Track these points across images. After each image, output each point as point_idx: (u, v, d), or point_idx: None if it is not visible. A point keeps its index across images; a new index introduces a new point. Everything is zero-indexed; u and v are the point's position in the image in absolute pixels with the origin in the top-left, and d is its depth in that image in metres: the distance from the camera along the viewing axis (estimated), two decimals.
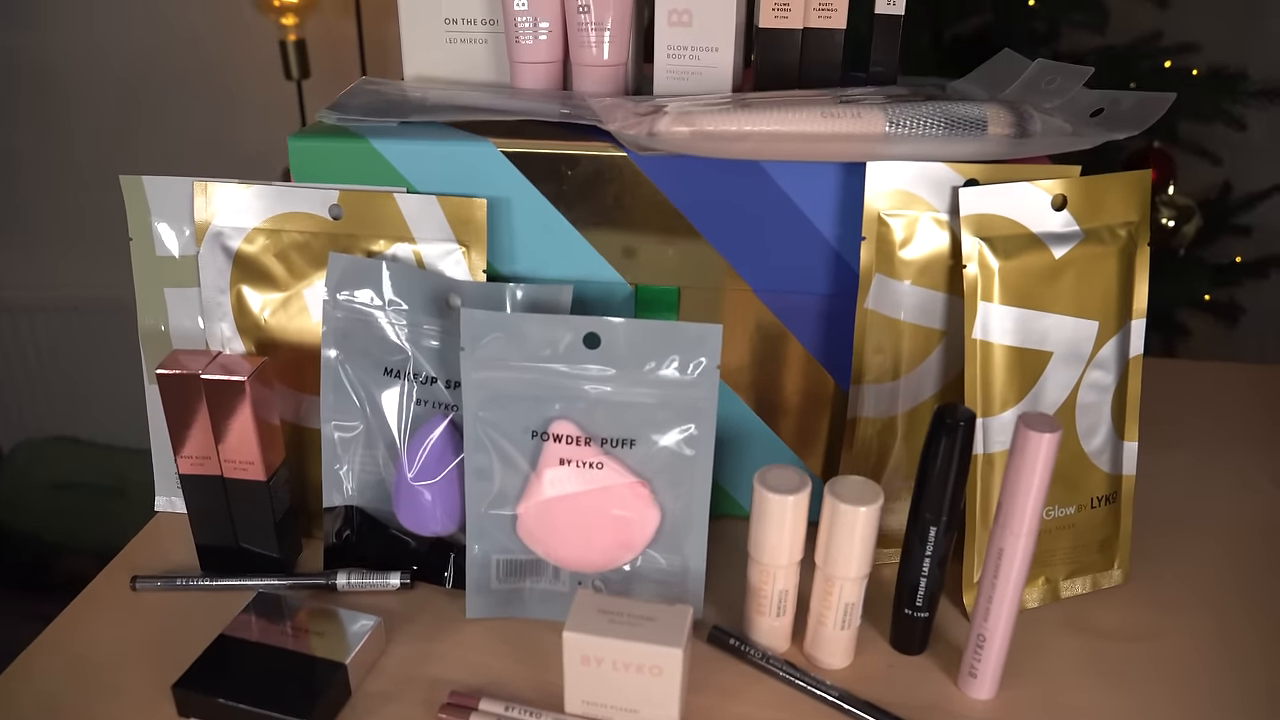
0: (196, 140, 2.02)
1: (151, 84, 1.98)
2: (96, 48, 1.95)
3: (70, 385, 2.19)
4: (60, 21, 1.93)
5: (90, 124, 2.00)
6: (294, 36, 1.78)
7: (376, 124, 0.63)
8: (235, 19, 1.90)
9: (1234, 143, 1.48)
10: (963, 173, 0.57)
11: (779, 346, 0.64)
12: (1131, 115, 0.59)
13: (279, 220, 0.63)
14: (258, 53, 1.92)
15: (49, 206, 2.06)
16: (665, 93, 0.68)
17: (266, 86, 1.94)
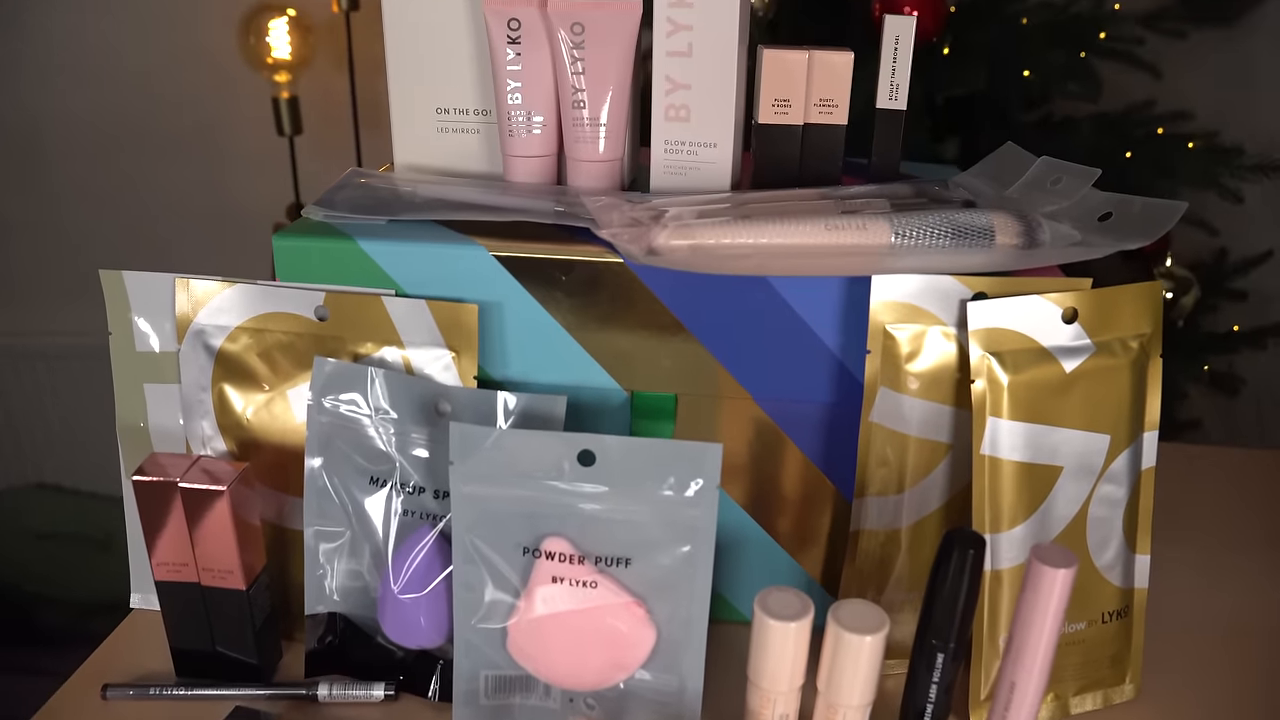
0: (188, 198, 2.01)
1: (143, 141, 1.97)
2: (87, 105, 1.94)
3: (53, 433, 2.16)
4: (48, 80, 1.92)
5: (79, 182, 1.99)
6: (287, 94, 1.77)
7: (364, 222, 0.61)
8: (227, 76, 1.89)
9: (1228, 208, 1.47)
10: (970, 285, 0.55)
11: (779, 453, 0.62)
12: (1141, 222, 0.58)
13: (263, 320, 0.61)
14: (250, 109, 1.91)
15: (31, 256, 2.05)
16: (662, 188, 0.67)
17: (259, 143, 1.93)
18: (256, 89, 1.85)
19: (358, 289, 0.60)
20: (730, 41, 0.63)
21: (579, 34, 0.63)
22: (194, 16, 1.89)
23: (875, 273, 0.54)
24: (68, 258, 2.05)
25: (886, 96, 0.67)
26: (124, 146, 1.97)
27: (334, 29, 1.85)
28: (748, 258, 0.53)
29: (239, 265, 2.03)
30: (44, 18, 1.88)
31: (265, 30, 1.74)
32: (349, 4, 1.75)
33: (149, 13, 1.88)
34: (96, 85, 1.92)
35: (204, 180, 2.00)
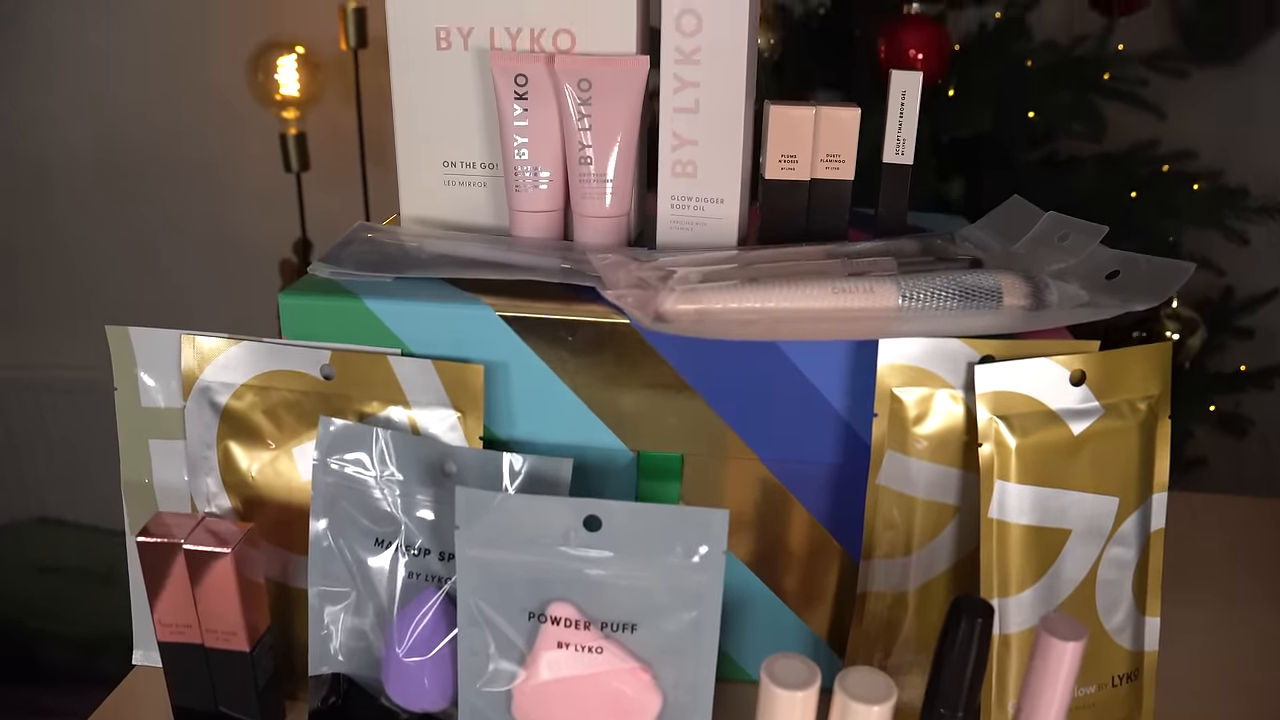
0: (195, 232, 2.02)
1: (150, 176, 1.98)
2: (95, 139, 1.95)
3: (55, 466, 2.16)
4: (58, 113, 1.94)
5: (86, 215, 2.00)
6: (294, 130, 1.78)
7: (370, 279, 0.61)
8: (235, 112, 1.90)
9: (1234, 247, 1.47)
10: (978, 348, 0.55)
11: (785, 513, 0.62)
12: (1148, 281, 0.58)
13: (268, 378, 0.61)
14: (258, 145, 1.92)
15: (35, 288, 2.05)
16: (669, 243, 0.67)
17: (266, 178, 1.93)
18: (264, 125, 1.86)
19: (364, 348, 0.60)
20: (737, 99, 0.63)
21: (586, 90, 0.63)
22: (203, 53, 1.90)
23: (882, 336, 0.54)
24: (72, 291, 2.06)
25: (893, 151, 0.67)
26: (131, 181, 1.98)
27: (342, 65, 1.86)
28: (755, 323, 0.53)
29: (245, 301, 2.03)
30: (54, 51, 1.90)
31: (274, 67, 1.75)
32: (357, 41, 1.76)
33: (159, 49, 1.90)
34: (105, 119, 1.94)
35: (211, 215, 2.01)
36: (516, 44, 0.66)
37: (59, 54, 1.90)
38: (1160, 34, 1.67)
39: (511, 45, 0.66)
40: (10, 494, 2.16)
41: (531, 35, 0.66)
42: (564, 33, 0.65)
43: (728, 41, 0.62)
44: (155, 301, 2.07)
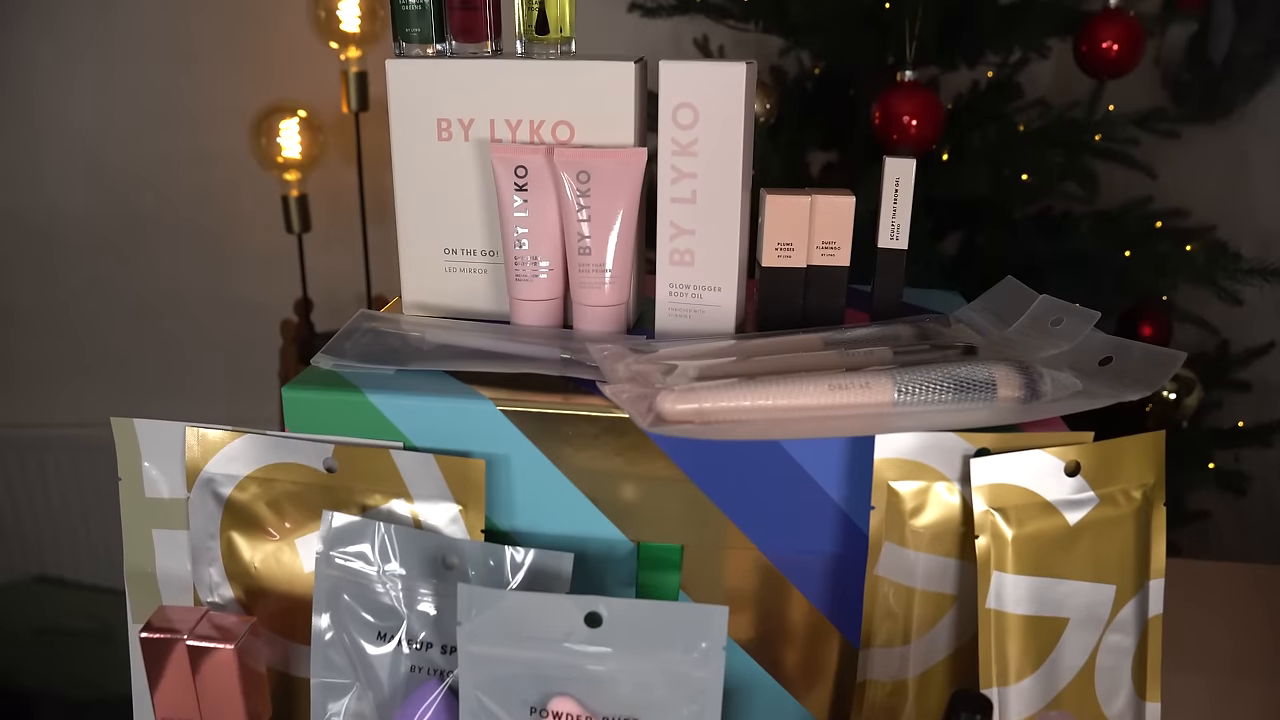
0: (196, 292, 2.03)
1: (152, 237, 1.99)
2: (97, 199, 1.97)
3: (55, 524, 2.16)
4: (61, 173, 1.96)
5: (87, 274, 2.01)
6: (296, 192, 1.80)
7: (373, 371, 0.62)
8: (237, 173, 1.92)
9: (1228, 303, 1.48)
10: (973, 441, 0.55)
11: (785, 600, 0.62)
12: (1141, 369, 0.58)
13: (272, 470, 0.61)
14: (259, 206, 1.94)
15: (34, 346, 2.06)
16: (667, 330, 0.68)
17: (268, 239, 1.95)
18: (266, 186, 1.88)
19: (366, 441, 0.60)
20: (734, 190, 0.64)
21: (585, 182, 0.64)
22: (206, 116, 1.92)
23: (878, 432, 0.54)
24: (72, 350, 2.07)
25: (888, 236, 0.68)
26: (133, 241, 1.99)
27: (344, 127, 1.88)
28: (753, 423, 0.54)
29: (246, 362, 2.04)
30: (57, 111, 1.92)
31: (276, 130, 1.77)
32: (359, 105, 1.78)
33: (162, 111, 1.92)
34: (107, 180, 1.95)
35: (212, 275, 2.02)
36: (516, 135, 0.67)
37: (62, 116, 1.92)
38: (1150, 94, 1.69)
39: (511, 136, 0.67)
40: (8, 552, 2.16)
41: (531, 126, 0.67)
42: (563, 124, 0.67)
43: (724, 135, 0.63)
44: (157, 362, 2.08)
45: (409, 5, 0.67)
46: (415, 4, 0.67)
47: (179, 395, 2.10)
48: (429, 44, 0.68)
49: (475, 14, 0.66)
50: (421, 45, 0.68)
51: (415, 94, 0.68)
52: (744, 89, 0.62)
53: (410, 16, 0.67)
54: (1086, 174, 1.39)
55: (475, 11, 0.66)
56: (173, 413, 0.58)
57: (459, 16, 0.67)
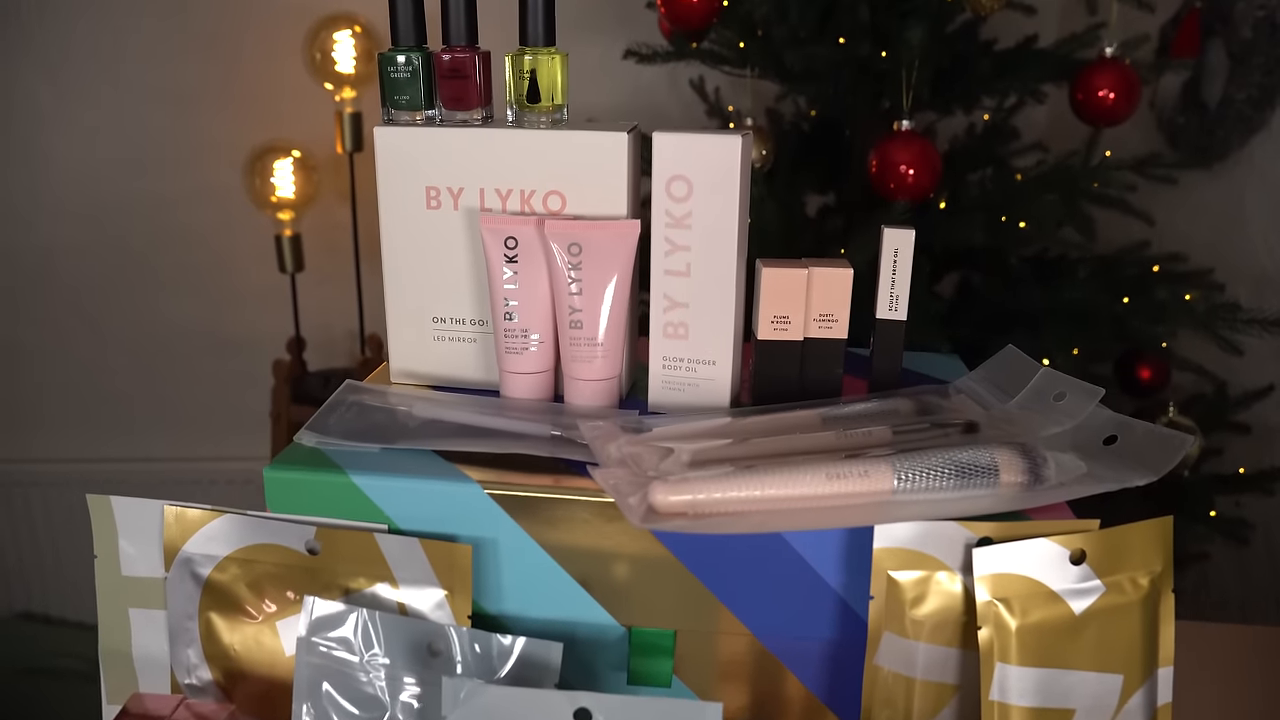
0: (190, 330, 2.01)
1: (146, 277, 1.98)
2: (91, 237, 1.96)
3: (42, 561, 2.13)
4: (56, 211, 1.94)
5: (80, 312, 2.00)
6: (289, 232, 1.79)
7: (357, 449, 0.60)
8: (232, 212, 1.91)
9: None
10: (975, 529, 0.54)
11: (781, 686, 0.60)
12: (1147, 450, 0.57)
13: (252, 551, 0.60)
14: (253, 246, 1.93)
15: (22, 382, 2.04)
16: (660, 404, 0.66)
17: (261, 278, 1.94)
18: (260, 225, 1.87)
19: (350, 523, 0.58)
20: (729, 264, 0.63)
21: (576, 254, 0.63)
22: (200, 156, 1.92)
23: (878, 523, 0.53)
24: (60, 387, 2.05)
25: (886, 307, 0.67)
26: (126, 280, 1.98)
27: (338, 167, 1.87)
28: (749, 515, 0.52)
29: (238, 401, 2.03)
30: (53, 151, 1.91)
31: (270, 171, 1.77)
32: (353, 145, 1.78)
33: (156, 151, 1.91)
34: (102, 220, 1.94)
35: (206, 314, 2.01)
36: (507, 204, 0.66)
37: (57, 156, 1.91)
38: (1146, 139, 1.69)
39: (502, 206, 0.66)
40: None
41: (522, 196, 0.66)
42: (554, 194, 0.65)
43: (719, 208, 0.62)
44: (149, 400, 2.06)
45: (398, 72, 0.65)
46: (404, 71, 0.65)
47: (171, 434, 2.08)
48: (418, 111, 0.66)
49: (465, 82, 0.65)
50: (411, 112, 0.66)
51: (404, 161, 0.67)
52: (740, 161, 0.61)
53: (399, 84, 0.66)
54: (1084, 220, 1.38)
55: (465, 80, 0.65)
56: (162, 452, 0.57)
57: (448, 84, 0.65)
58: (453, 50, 0.65)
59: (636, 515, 0.50)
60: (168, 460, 2.09)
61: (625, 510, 0.51)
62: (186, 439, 2.08)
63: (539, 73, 0.65)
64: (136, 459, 2.09)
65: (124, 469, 2.08)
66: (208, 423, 2.07)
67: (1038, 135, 1.60)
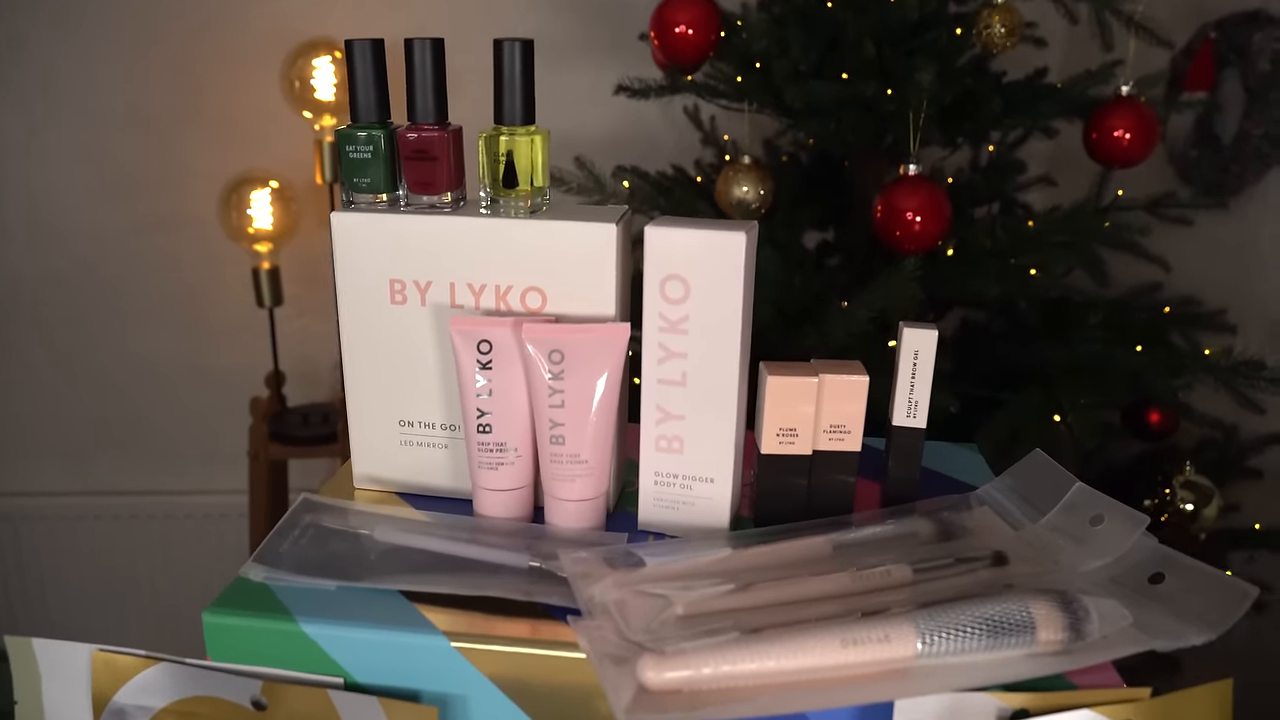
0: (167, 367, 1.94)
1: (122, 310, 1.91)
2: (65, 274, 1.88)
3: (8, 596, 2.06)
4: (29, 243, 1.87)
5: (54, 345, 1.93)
6: (267, 264, 1.72)
7: (311, 585, 0.54)
8: (208, 246, 1.84)
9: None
10: (1009, 701, 0.47)
11: None
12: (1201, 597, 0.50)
13: (192, 703, 0.53)
14: (230, 279, 1.86)
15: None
16: (652, 522, 0.60)
17: (238, 312, 1.87)
18: (238, 258, 1.80)
19: (301, 676, 0.52)
20: (730, 373, 0.56)
21: (558, 362, 0.56)
22: (175, 185, 1.84)
23: (901, 697, 0.46)
24: (37, 420, 1.98)
25: (904, 414, 0.61)
26: (102, 314, 1.91)
27: (317, 197, 1.80)
28: (755, 697, 0.45)
29: (214, 437, 1.96)
30: (25, 180, 1.84)
31: (247, 202, 1.70)
32: (333, 175, 1.71)
33: (130, 180, 1.84)
34: (76, 252, 1.87)
35: (183, 349, 1.94)
36: (480, 301, 0.59)
37: (28, 186, 1.84)
38: (1158, 176, 1.63)
39: (475, 303, 0.59)
40: None
41: (497, 292, 0.59)
42: (534, 291, 0.58)
43: (720, 312, 0.55)
44: (122, 435, 1.99)
45: (357, 152, 0.59)
46: (364, 151, 0.59)
47: (145, 467, 2.01)
48: (380, 194, 0.60)
49: (433, 164, 0.58)
50: (372, 195, 0.60)
51: (365, 251, 0.60)
52: (744, 260, 0.54)
53: (359, 165, 0.59)
54: (1095, 263, 1.32)
55: (433, 161, 0.58)
56: (137, 485, 0.50)
57: (414, 166, 0.59)
58: (419, 128, 0.58)
59: (622, 707, 0.43)
60: (142, 494, 2.02)
61: (610, 695, 0.44)
62: (161, 472, 2.01)
63: (516, 155, 0.58)
64: (112, 492, 2.02)
65: (99, 502, 2.01)
66: (183, 455, 2.00)
67: (1044, 167, 1.54)
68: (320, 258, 1.83)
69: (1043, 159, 1.59)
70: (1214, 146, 1.57)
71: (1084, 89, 1.28)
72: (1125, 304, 1.42)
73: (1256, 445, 1.53)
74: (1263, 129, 1.48)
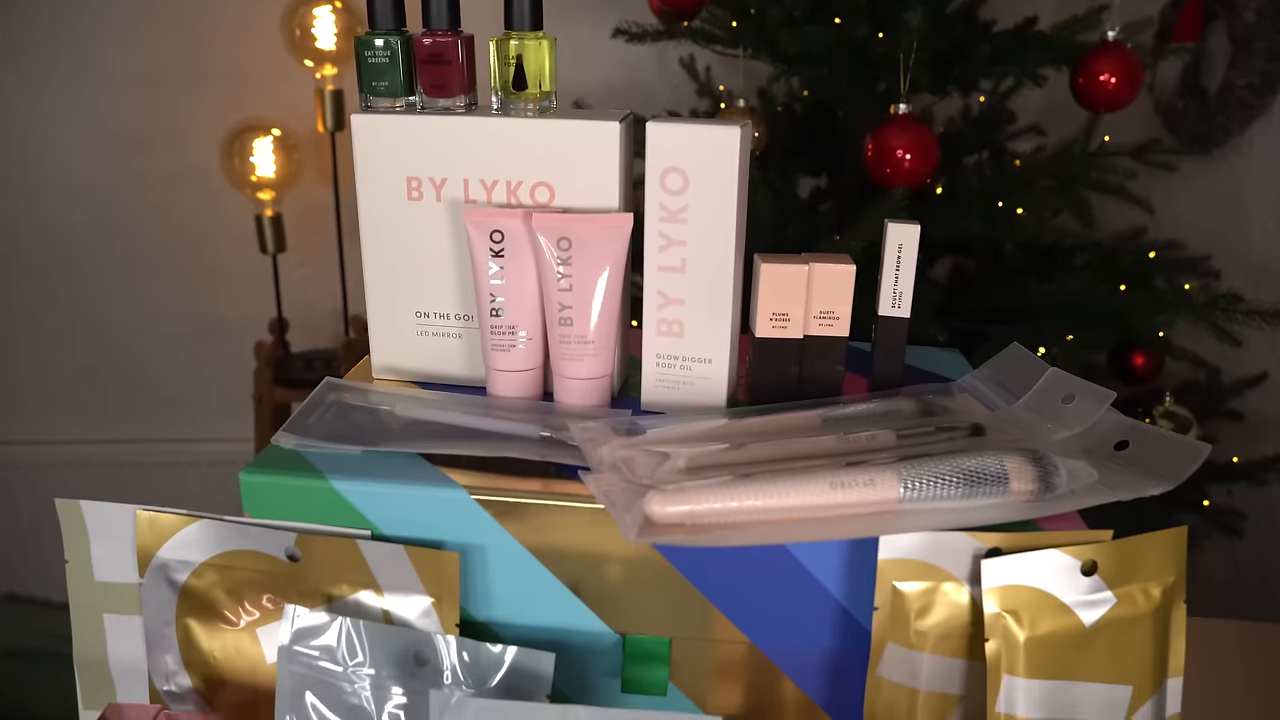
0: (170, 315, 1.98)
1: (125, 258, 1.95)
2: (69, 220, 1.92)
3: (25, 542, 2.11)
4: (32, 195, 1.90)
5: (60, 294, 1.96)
6: (270, 211, 1.76)
7: (338, 451, 0.58)
8: (211, 194, 1.88)
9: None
10: (984, 540, 0.52)
11: (779, 693, 0.58)
12: (1160, 456, 0.55)
13: (230, 557, 0.57)
14: (233, 227, 1.89)
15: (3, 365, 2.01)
16: (654, 403, 0.64)
17: (242, 258, 1.91)
18: (240, 206, 1.83)
19: (331, 529, 0.56)
20: (726, 260, 0.60)
21: (566, 249, 0.60)
22: (178, 135, 1.88)
23: (884, 534, 0.51)
24: (43, 369, 2.02)
25: (890, 304, 0.65)
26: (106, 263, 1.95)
27: (319, 146, 1.84)
28: (749, 527, 0.50)
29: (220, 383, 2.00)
30: (26, 129, 1.87)
31: (250, 150, 1.73)
32: (334, 124, 1.74)
33: (132, 131, 1.87)
34: (80, 200, 1.90)
35: (186, 296, 1.97)
36: (492, 196, 0.63)
37: (30, 140, 1.87)
38: (1145, 124, 1.67)
39: (487, 197, 0.63)
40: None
41: (508, 187, 0.63)
42: (542, 186, 0.63)
43: (716, 203, 0.59)
44: (128, 383, 2.03)
45: (375, 57, 0.63)
46: (382, 56, 0.62)
47: (152, 416, 2.05)
48: (397, 98, 0.63)
49: (447, 68, 0.62)
50: (390, 99, 0.64)
51: (383, 151, 0.64)
52: (738, 154, 0.58)
53: (377, 69, 0.63)
54: (1082, 206, 1.36)
55: (447, 65, 0.62)
56: (145, 434, 0.54)
57: (429, 70, 0.63)
58: (434, 34, 0.62)
59: (632, 530, 0.48)
60: (151, 442, 2.06)
61: (620, 524, 0.49)
62: (168, 421, 2.05)
63: (526, 58, 0.62)
64: (119, 440, 2.07)
65: (107, 450, 2.05)
66: (189, 404, 2.05)
67: (1034, 118, 1.58)
68: (322, 206, 1.87)
69: (1034, 112, 1.63)
70: (1200, 98, 1.61)
71: (1071, 34, 1.32)
72: (1111, 248, 1.46)
73: (1237, 388, 1.58)
74: (1247, 79, 1.52)
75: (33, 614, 2.14)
